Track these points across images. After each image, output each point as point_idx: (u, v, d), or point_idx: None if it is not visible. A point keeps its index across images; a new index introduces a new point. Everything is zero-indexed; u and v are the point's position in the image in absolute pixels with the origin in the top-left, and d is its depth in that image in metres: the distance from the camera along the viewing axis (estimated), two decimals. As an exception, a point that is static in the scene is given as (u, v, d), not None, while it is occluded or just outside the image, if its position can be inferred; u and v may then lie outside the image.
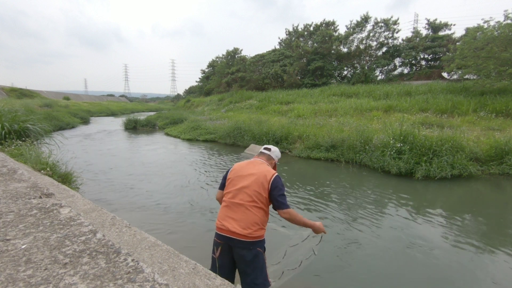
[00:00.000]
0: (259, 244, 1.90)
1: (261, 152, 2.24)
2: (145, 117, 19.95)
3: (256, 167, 2.03)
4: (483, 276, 2.92)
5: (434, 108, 10.82)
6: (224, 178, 2.10)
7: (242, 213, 1.87)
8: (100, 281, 0.73)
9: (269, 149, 2.23)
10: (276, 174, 2.01)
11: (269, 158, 2.19)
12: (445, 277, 2.91)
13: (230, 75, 29.63)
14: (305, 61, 23.77)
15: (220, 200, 2.11)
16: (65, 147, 7.30)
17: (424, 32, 23.73)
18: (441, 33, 22.30)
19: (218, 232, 1.91)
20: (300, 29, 27.35)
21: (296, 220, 1.95)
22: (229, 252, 1.89)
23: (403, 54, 21.45)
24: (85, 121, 22.76)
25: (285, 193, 2.00)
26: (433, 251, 3.40)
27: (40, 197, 1.33)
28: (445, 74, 19.23)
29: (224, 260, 1.92)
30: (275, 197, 1.93)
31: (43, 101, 24.07)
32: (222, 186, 2.11)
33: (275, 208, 1.96)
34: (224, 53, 34.93)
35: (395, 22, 21.77)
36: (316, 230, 2.08)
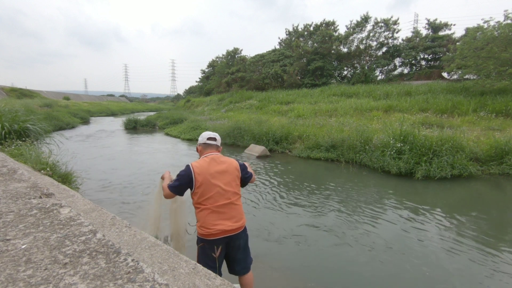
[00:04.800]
0: (245, 227, 2.06)
1: (207, 144, 2.12)
2: (145, 117, 19.95)
3: (220, 163, 2.03)
4: (483, 277, 2.92)
5: (434, 108, 10.81)
6: (186, 184, 1.95)
7: (232, 210, 1.95)
8: (100, 281, 0.73)
9: (214, 139, 2.14)
10: (237, 160, 2.16)
11: (217, 147, 2.15)
12: (445, 277, 2.91)
13: (230, 75, 29.63)
14: (305, 61, 23.77)
15: (169, 197, 2.08)
16: (65, 147, 7.29)
17: (424, 32, 23.79)
18: (441, 33, 22.32)
19: (213, 238, 1.90)
20: (300, 29, 27.37)
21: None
22: (224, 249, 1.98)
23: (403, 54, 21.44)
24: (85, 121, 22.78)
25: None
26: (432, 251, 3.40)
27: (40, 197, 1.33)
28: (445, 74, 19.23)
29: (221, 258, 1.99)
30: (245, 177, 2.13)
31: (43, 101, 24.08)
32: (181, 191, 2.00)
33: (245, 184, 2.17)
34: (224, 53, 34.99)
35: (395, 22, 21.78)
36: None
